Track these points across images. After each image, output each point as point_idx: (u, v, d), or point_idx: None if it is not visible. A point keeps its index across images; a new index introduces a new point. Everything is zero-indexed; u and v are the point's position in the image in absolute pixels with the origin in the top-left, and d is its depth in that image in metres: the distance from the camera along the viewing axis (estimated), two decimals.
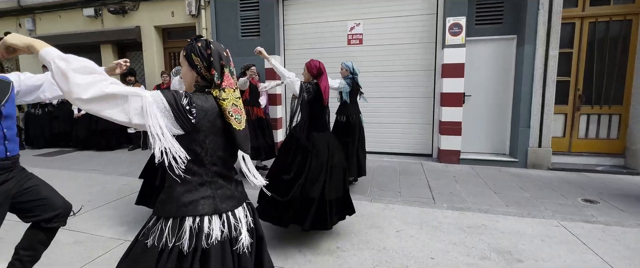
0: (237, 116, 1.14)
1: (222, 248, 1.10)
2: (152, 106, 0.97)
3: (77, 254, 2.44)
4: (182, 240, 1.03)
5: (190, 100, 1.04)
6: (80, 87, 0.90)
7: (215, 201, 1.12)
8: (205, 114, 1.07)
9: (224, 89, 1.13)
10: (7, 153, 1.67)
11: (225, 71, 1.15)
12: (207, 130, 1.08)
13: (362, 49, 5.85)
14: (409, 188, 3.89)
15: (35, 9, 7.21)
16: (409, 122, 5.65)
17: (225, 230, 1.11)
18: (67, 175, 4.49)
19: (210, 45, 1.15)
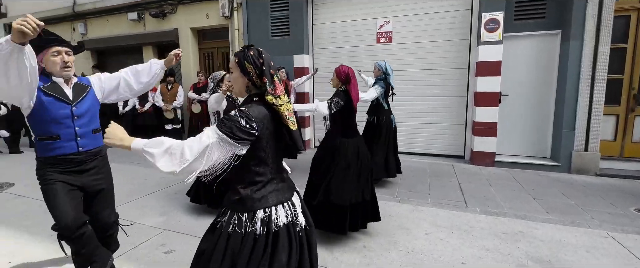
0: (291, 118, 1.26)
1: (287, 229, 1.27)
2: (217, 148, 1.13)
3: (124, 240, 2.62)
4: (256, 226, 1.21)
5: (249, 117, 1.16)
6: (169, 170, 1.11)
7: (278, 193, 1.29)
8: (262, 124, 1.20)
9: (278, 96, 1.25)
10: (79, 149, 1.81)
11: (275, 79, 1.26)
12: (267, 137, 1.23)
13: (391, 47, 5.74)
14: (439, 190, 3.77)
15: (87, 14, 7.84)
16: (440, 122, 5.46)
17: (288, 215, 1.28)
18: (114, 167, 4.82)
19: (262, 54, 1.25)
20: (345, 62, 5.97)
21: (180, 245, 2.57)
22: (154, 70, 2.06)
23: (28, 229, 2.87)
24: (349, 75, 2.64)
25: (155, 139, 1.14)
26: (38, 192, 3.71)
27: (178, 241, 2.64)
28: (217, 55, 7.24)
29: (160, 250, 2.50)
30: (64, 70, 1.75)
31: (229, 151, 1.15)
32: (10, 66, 1.40)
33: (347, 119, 2.71)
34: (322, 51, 6.30)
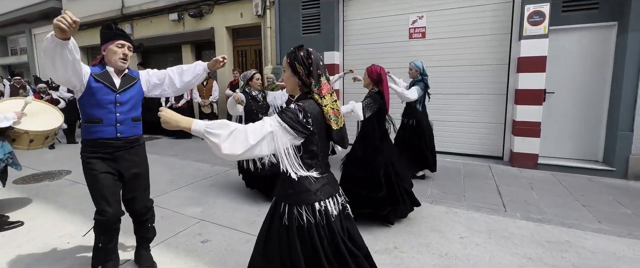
0: (334, 118, 1.30)
1: (339, 218, 1.35)
2: (278, 136, 1.19)
3: (163, 228, 2.78)
4: (315, 219, 1.28)
5: (306, 112, 1.23)
6: (231, 152, 1.17)
7: (329, 186, 1.36)
8: (315, 119, 1.25)
9: (323, 96, 1.29)
10: (117, 134, 1.89)
11: (322, 79, 1.30)
12: (319, 132, 1.29)
13: (424, 43, 5.52)
14: (475, 192, 3.56)
15: (133, 16, 8.35)
16: (476, 120, 5.16)
17: (338, 206, 1.36)
18: (155, 159, 5.14)
19: (311, 55, 1.30)
20: (377, 59, 5.83)
21: (216, 235, 2.66)
22: (197, 71, 2.14)
23: (83, 213, 3.11)
24: (380, 75, 2.57)
25: (217, 122, 1.19)
26: None
27: (214, 231, 2.73)
28: (250, 52, 7.40)
29: (198, 239, 2.60)
30: (121, 61, 1.88)
31: (288, 140, 1.22)
32: (55, 58, 1.54)
33: (382, 122, 2.67)
34: (352, 48, 6.20)
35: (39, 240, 2.62)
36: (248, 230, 2.75)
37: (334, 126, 1.29)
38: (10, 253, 2.43)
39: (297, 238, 1.27)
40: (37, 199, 3.50)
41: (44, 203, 3.39)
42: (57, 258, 2.35)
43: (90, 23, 9.20)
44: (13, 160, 2.78)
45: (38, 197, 3.57)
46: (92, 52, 10.20)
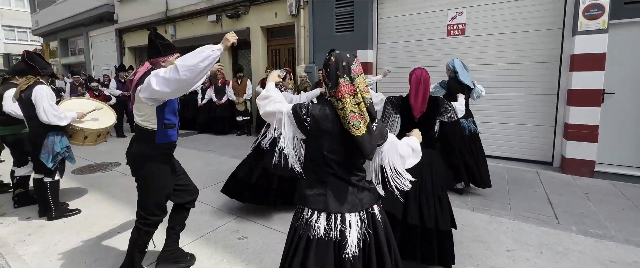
0: (355, 123, 1.17)
1: (325, 246, 1.18)
2: (285, 120, 1.23)
3: (203, 222, 2.84)
4: (298, 224, 1.25)
5: (307, 111, 1.22)
6: (260, 107, 1.34)
7: (327, 199, 1.22)
8: (315, 121, 1.21)
9: (340, 98, 1.20)
10: (178, 137, 2.05)
11: (340, 81, 1.21)
12: (319, 135, 1.22)
13: (464, 40, 5.18)
14: (522, 200, 3.26)
15: (176, 18, 8.72)
16: (521, 122, 4.75)
17: (330, 230, 1.19)
18: (194, 154, 5.34)
19: (331, 57, 1.26)
20: (412, 57, 5.61)
21: (252, 233, 2.66)
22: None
23: (132, 204, 3.24)
24: (411, 77, 2.32)
25: (274, 88, 1.39)
26: None
27: (250, 228, 2.74)
28: (284, 51, 7.42)
29: (235, 236, 2.62)
30: None
31: (292, 130, 1.25)
32: (210, 66, 1.67)
33: (404, 130, 2.46)
34: (386, 46, 5.99)
35: (93, 228, 2.79)
36: (283, 229, 2.73)
37: (353, 131, 1.16)
38: (70, 239, 2.60)
39: (289, 234, 1.30)
40: (91, 189, 3.75)
41: (97, 193, 3.62)
42: (108, 247, 2.48)
43: (138, 25, 9.76)
44: (69, 154, 2.98)
45: (92, 187, 3.82)
46: (139, 52, 10.84)
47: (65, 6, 12.09)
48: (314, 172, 1.26)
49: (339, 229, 1.19)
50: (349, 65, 1.22)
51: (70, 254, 2.38)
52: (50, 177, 2.90)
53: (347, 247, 1.17)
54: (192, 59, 1.61)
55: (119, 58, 10.68)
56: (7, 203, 3.21)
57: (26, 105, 2.76)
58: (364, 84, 1.23)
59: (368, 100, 1.22)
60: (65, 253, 2.40)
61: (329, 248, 1.19)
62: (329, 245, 1.19)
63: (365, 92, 1.22)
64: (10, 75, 3.20)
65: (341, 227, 1.19)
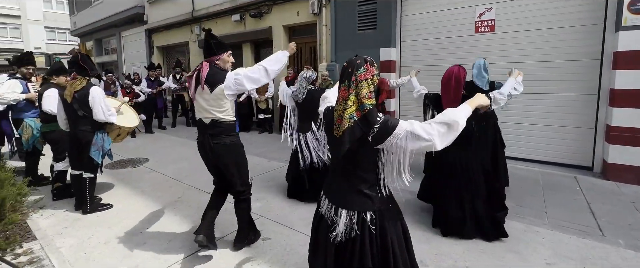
0: (336, 125, 1.26)
1: (327, 224, 1.37)
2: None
3: (228, 221, 2.81)
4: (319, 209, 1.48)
5: (324, 114, 1.41)
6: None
7: (330, 189, 1.42)
8: (326, 124, 1.38)
9: (337, 102, 1.29)
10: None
11: (342, 86, 1.27)
12: (328, 136, 1.40)
13: (493, 37, 4.87)
14: (559, 208, 3.00)
15: (201, 18, 8.85)
16: (558, 124, 4.39)
17: (326, 215, 1.38)
18: None
19: (346, 61, 1.31)
20: (437, 55, 5.34)
21: (275, 234, 2.61)
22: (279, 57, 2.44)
23: (159, 200, 3.33)
24: (444, 77, 2.19)
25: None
26: (166, 168, 4.24)
27: (273, 229, 2.68)
28: (306, 50, 7.33)
29: (258, 237, 2.57)
30: (231, 68, 2.24)
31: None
32: (280, 68, 2.14)
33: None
34: (410, 44, 5.75)
35: (124, 222, 2.84)
36: (306, 231, 2.64)
37: (333, 132, 1.28)
38: (102, 233, 2.66)
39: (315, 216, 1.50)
40: (122, 184, 3.85)
41: (128, 188, 3.71)
42: (137, 243, 2.50)
43: (166, 25, 10.01)
44: (110, 151, 3.07)
45: (123, 182, 3.92)
46: (166, 51, 11.13)
47: (100, 8, 12.62)
48: (331, 164, 1.48)
49: (331, 217, 1.34)
50: (354, 71, 1.23)
51: (103, 249, 2.43)
52: (91, 173, 2.99)
53: (333, 233, 1.32)
54: (277, 65, 2.11)
55: (148, 57, 11.02)
56: (47, 196, 3.35)
57: (80, 105, 2.83)
58: (366, 90, 1.21)
59: (366, 106, 1.21)
60: (98, 248, 2.44)
61: (324, 226, 1.39)
62: (325, 225, 1.38)
63: (367, 98, 1.21)
64: (49, 76, 3.32)
65: (333, 216, 1.34)
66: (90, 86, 2.87)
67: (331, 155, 1.41)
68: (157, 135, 6.95)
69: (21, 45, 23.04)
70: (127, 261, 2.27)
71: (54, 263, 2.23)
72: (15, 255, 2.36)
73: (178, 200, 3.29)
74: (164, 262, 2.24)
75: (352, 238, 1.29)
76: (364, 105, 1.20)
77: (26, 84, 3.64)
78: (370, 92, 1.22)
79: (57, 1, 25.20)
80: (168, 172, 4.25)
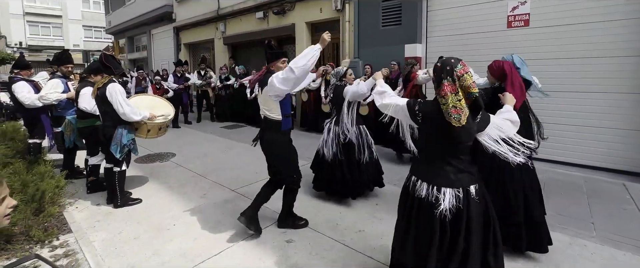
0: (456, 116, 1.37)
1: (425, 207, 1.47)
2: (400, 110, 1.60)
3: None
4: (410, 187, 1.58)
5: (419, 108, 1.51)
6: (376, 101, 1.74)
7: (428, 173, 1.50)
8: (425, 116, 1.49)
9: (443, 96, 1.40)
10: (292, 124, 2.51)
11: (443, 82, 1.41)
12: (428, 126, 1.50)
13: (527, 33, 4.50)
14: (609, 219, 2.68)
15: (226, 15, 8.86)
16: (604, 125, 3.97)
17: (429, 197, 1.46)
18: (241, 147, 5.35)
19: (437, 63, 1.47)
20: (466, 52, 4.99)
21: (299, 236, 2.50)
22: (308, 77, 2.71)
23: (186, 196, 3.31)
24: (503, 69, 2.04)
25: (386, 85, 1.78)
26: (192, 163, 4.22)
27: (297, 231, 2.57)
28: (328, 46, 7.13)
29: (282, 238, 2.47)
30: None
31: (405, 119, 1.60)
32: (313, 64, 2.11)
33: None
34: (437, 40, 5.43)
35: (153, 218, 2.83)
36: (331, 234, 2.52)
37: (454, 123, 1.37)
38: (132, 228, 2.65)
39: (400, 201, 1.64)
40: (151, 178, 3.88)
41: (156, 183, 3.73)
42: (165, 240, 2.47)
43: (193, 23, 10.12)
44: (134, 146, 3.07)
45: (152, 176, 3.95)
46: (192, 48, 11.29)
47: (132, 8, 12.98)
48: (424, 152, 1.54)
49: (434, 196, 1.43)
50: (452, 69, 1.40)
51: (132, 244, 2.42)
52: (118, 167, 3.01)
53: (439, 208, 1.41)
54: (302, 60, 2.08)
55: (175, 53, 11.23)
56: (82, 189, 3.42)
57: (101, 101, 2.90)
58: (469, 81, 1.38)
59: (474, 94, 1.38)
60: (128, 243, 2.44)
61: (424, 209, 1.47)
62: (426, 207, 1.46)
63: (472, 87, 1.38)
64: (87, 74, 3.36)
65: (436, 195, 1.43)
66: (109, 83, 2.89)
67: (431, 142, 1.50)
68: (183, 130, 7.04)
69: (62, 43, 24.36)
70: (155, 258, 2.24)
71: (87, 257, 2.23)
72: (52, 247, 2.39)
73: (203, 197, 3.26)
74: (190, 261, 2.19)
75: (458, 212, 1.41)
76: (472, 93, 1.37)
77: (67, 82, 3.72)
78: (473, 82, 1.39)
79: (94, 1, 26.32)
80: (194, 167, 4.25)
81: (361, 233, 2.54)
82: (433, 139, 1.48)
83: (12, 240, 2.36)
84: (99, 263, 2.17)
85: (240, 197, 3.25)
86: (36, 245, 2.39)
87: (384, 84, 1.79)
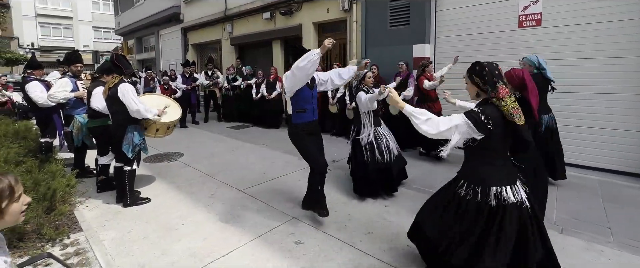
0: (517, 115, 1.49)
1: (516, 208, 1.54)
2: (460, 128, 1.54)
3: (259, 221, 2.73)
4: (489, 198, 1.55)
5: (487, 116, 1.49)
6: (426, 131, 1.61)
7: (508, 177, 1.58)
8: (495, 120, 1.50)
9: (501, 98, 1.51)
10: (314, 118, 2.62)
11: (498, 85, 1.52)
12: (495, 130, 1.50)
13: (539, 32, 4.42)
14: (626, 224, 2.60)
15: (233, 16, 8.89)
16: (619, 127, 3.86)
17: (517, 196, 1.55)
18: (248, 147, 5.36)
19: (485, 67, 1.56)
20: (476, 52, 4.91)
21: (308, 237, 2.47)
22: (351, 72, 2.73)
23: (194, 195, 3.31)
24: (524, 79, 1.97)
25: (420, 110, 1.64)
26: (199, 163, 4.24)
27: (306, 232, 2.55)
28: (334, 47, 7.08)
29: (291, 239, 2.45)
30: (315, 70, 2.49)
31: (468, 134, 1.53)
32: (312, 67, 2.27)
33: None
34: (446, 40, 5.36)
35: (161, 217, 2.84)
36: (340, 236, 2.49)
37: (518, 122, 1.48)
38: (141, 227, 2.66)
39: (469, 209, 1.58)
40: (159, 178, 3.90)
41: (164, 182, 3.75)
42: (174, 239, 2.48)
43: (200, 24, 10.18)
44: (144, 145, 3.08)
45: (159, 175, 3.97)
46: (199, 48, 11.36)
47: (141, 8, 13.13)
48: (495, 158, 1.57)
49: (520, 195, 1.55)
50: (501, 73, 1.55)
51: (141, 243, 2.42)
52: (128, 166, 3.03)
53: (523, 205, 1.54)
54: (302, 62, 2.25)
55: (183, 54, 11.31)
56: (92, 188, 3.45)
57: (113, 101, 2.92)
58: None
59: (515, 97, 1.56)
60: (137, 242, 2.44)
61: (519, 210, 1.54)
62: (519, 208, 1.54)
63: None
64: (99, 74, 3.39)
65: (520, 193, 1.56)
66: (120, 83, 2.91)
67: (499, 145, 1.57)
68: (191, 130, 7.08)
69: (72, 44, 24.77)
70: (165, 258, 2.24)
71: (97, 256, 2.24)
72: (64, 245, 2.41)
73: (211, 197, 3.26)
74: (199, 261, 2.18)
75: (517, 202, 1.53)
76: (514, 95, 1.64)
77: (76, 82, 3.76)
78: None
79: (103, 3, 26.72)
80: (201, 167, 4.26)
81: (370, 235, 2.51)
82: (500, 142, 1.54)
83: (25, 238, 2.38)
84: (109, 263, 2.18)
85: (248, 198, 3.24)
86: (48, 243, 2.41)
87: (421, 110, 1.67)
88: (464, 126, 1.50)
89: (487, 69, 1.52)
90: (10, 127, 4.34)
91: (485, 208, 1.53)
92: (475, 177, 1.59)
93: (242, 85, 7.60)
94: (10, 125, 4.40)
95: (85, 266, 2.17)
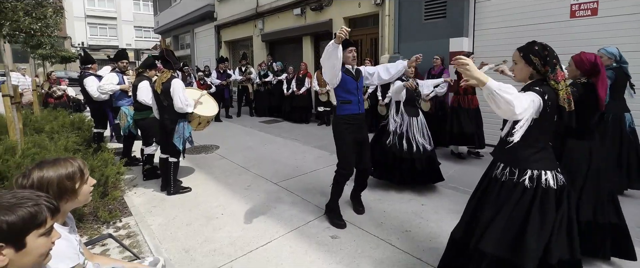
0: (568, 100, 1.42)
1: (556, 193, 1.43)
2: (535, 105, 1.36)
3: (295, 214, 2.75)
4: (524, 180, 1.44)
5: (548, 97, 1.38)
6: (513, 111, 1.30)
7: (548, 161, 1.47)
8: (552, 102, 1.40)
9: (559, 82, 1.42)
10: (360, 111, 2.52)
11: (557, 67, 1.42)
12: (549, 114, 1.41)
13: (594, 23, 4.03)
14: None
15: (264, 13, 9.02)
16: None
17: (556, 181, 1.44)
18: (280, 141, 5.44)
19: (547, 47, 1.44)
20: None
21: (344, 233, 2.45)
22: (399, 67, 2.58)
23: (230, 186, 3.42)
24: (597, 64, 1.82)
25: (506, 85, 1.32)
26: (234, 156, 4.35)
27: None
28: (366, 42, 6.98)
29: (327, 233, 2.45)
30: (353, 61, 2.49)
31: (534, 113, 1.38)
32: (331, 57, 2.21)
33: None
34: (486, 33, 5.05)
35: (202, 206, 2.96)
36: (377, 232, 2.45)
37: (567, 108, 1.41)
38: (184, 215, 2.80)
39: (509, 192, 1.45)
40: (197, 169, 4.07)
41: (202, 173, 3.91)
42: (215, 227, 2.57)
43: (233, 21, 10.46)
44: (191, 138, 3.25)
45: (198, 167, 4.14)
46: (232, 45, 11.69)
47: (178, 8, 13.76)
48: (539, 141, 1.46)
49: (560, 180, 1.46)
50: (556, 55, 1.43)
51: (186, 230, 2.54)
52: (175, 158, 3.19)
53: (564, 193, 1.44)
54: (324, 56, 2.25)
55: (216, 51, 11.71)
56: (139, 176, 3.68)
57: (165, 95, 3.06)
58: None
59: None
60: (182, 229, 2.56)
61: (550, 198, 1.41)
62: (558, 193, 1.43)
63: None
64: (142, 69, 3.60)
65: (561, 178, 1.47)
66: (172, 78, 3.05)
67: (547, 130, 1.48)
68: (225, 124, 7.32)
69: (116, 43, 26.62)
70: (207, 244, 2.33)
71: (147, 239, 2.39)
72: (116, 227, 2.59)
73: (248, 188, 3.34)
74: (239, 249, 2.25)
75: (555, 188, 1.43)
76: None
77: (122, 76, 4.03)
78: None
79: (144, 3, 28.35)
80: (237, 159, 4.38)
81: (408, 233, 2.43)
82: (546, 125, 1.44)
83: (83, 219, 2.59)
84: (157, 246, 2.31)
85: (282, 190, 3.28)
86: (103, 225, 2.60)
87: (506, 85, 1.40)
88: (537, 103, 1.36)
89: (548, 49, 1.40)
90: (67, 119, 4.74)
91: (524, 191, 1.42)
92: (517, 159, 1.47)
93: (273, 81, 7.72)
94: (67, 117, 4.80)
95: (136, 248, 2.31)
